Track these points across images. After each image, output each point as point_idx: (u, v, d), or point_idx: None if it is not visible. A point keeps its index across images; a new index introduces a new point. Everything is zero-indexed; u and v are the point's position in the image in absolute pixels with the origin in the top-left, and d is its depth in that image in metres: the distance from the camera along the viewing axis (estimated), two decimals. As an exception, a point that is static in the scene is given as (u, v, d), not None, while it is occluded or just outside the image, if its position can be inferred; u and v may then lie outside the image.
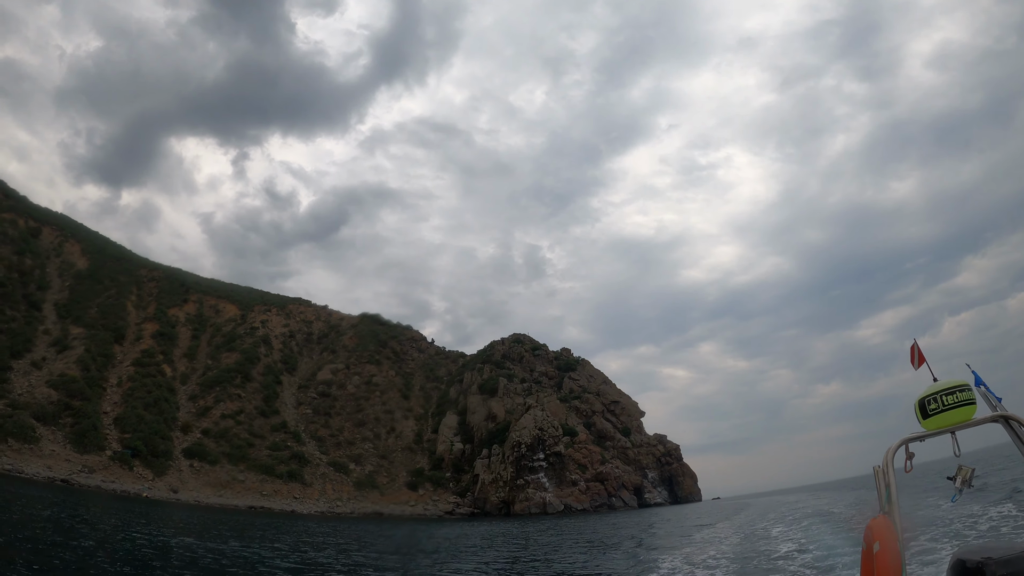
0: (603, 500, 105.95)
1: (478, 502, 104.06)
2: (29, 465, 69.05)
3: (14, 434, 72.21)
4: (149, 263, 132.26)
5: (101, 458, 78.55)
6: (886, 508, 4.12)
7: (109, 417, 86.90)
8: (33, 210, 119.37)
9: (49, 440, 76.36)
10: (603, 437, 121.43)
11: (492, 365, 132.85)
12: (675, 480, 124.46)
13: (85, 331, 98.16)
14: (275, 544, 36.93)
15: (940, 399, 4.11)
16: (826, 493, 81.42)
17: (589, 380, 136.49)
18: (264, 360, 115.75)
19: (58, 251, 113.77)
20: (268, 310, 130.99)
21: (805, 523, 30.89)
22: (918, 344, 4.65)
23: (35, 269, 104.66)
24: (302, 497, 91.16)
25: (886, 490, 4.17)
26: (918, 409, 4.23)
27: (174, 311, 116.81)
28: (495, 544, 43.45)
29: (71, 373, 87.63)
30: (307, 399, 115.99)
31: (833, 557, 17.34)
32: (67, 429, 79.77)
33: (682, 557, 25.26)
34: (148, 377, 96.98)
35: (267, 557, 29.26)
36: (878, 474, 4.28)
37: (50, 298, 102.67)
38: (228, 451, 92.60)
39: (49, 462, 72.57)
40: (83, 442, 78.66)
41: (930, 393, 4.18)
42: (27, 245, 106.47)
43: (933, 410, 4.14)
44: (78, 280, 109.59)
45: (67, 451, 76.64)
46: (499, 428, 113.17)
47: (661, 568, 22.59)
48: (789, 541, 24.13)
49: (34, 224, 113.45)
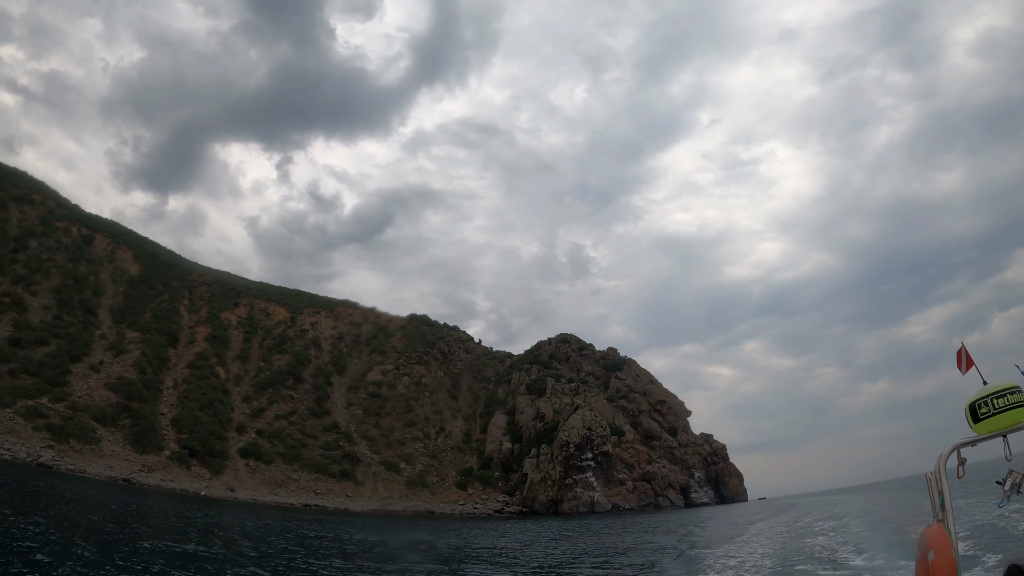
0: (650, 499, 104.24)
1: (527, 501, 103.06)
2: (91, 465, 70.10)
3: (76, 436, 73.47)
4: (199, 268, 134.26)
5: (160, 458, 79.49)
6: (940, 516, 4.06)
7: (166, 418, 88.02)
8: (86, 218, 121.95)
9: (109, 441, 77.49)
10: (649, 436, 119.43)
11: (539, 365, 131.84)
12: (721, 480, 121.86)
13: (140, 335, 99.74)
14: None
15: (991, 402, 4.00)
16: (874, 494, 79.15)
17: (635, 379, 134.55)
18: (315, 362, 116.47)
19: (111, 258, 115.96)
20: (317, 312, 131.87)
21: (856, 529, 30.14)
22: (965, 347, 4.52)
23: (89, 276, 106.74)
24: (354, 495, 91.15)
25: (939, 497, 4.11)
26: (968, 413, 4.11)
27: (226, 314, 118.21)
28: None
29: (128, 376, 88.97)
30: (357, 400, 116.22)
31: (886, 567, 16.92)
32: (126, 430, 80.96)
33: (731, 557, 24.87)
34: (203, 379, 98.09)
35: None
36: (931, 481, 4.22)
37: (104, 303, 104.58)
38: (282, 451, 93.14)
39: (110, 462, 73.58)
40: (142, 442, 79.70)
41: (980, 396, 4.08)
42: (81, 252, 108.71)
43: (984, 414, 4.03)
44: (131, 286, 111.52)
45: (127, 451, 77.69)
46: (547, 428, 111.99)
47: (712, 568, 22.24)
48: (840, 547, 23.62)
49: (87, 232, 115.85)
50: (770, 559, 23.06)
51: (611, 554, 32.37)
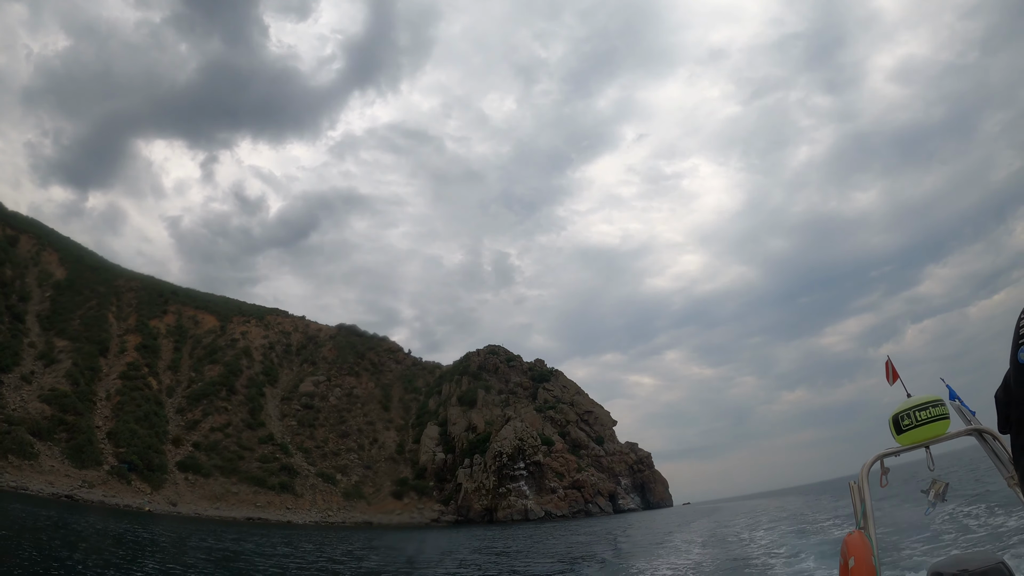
0: (580, 506, 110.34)
1: (461, 510, 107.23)
2: (32, 482, 69.59)
3: (14, 451, 72.49)
4: (126, 272, 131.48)
5: (99, 473, 79.11)
6: (862, 523, 4.15)
7: (102, 431, 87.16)
8: (10, 217, 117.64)
9: (47, 456, 76.63)
10: (578, 446, 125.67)
11: (469, 376, 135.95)
12: (647, 487, 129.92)
13: (70, 344, 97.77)
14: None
15: (913, 415, 4.12)
16: (792, 498, 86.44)
17: (563, 391, 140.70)
18: (246, 372, 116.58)
19: (36, 260, 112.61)
20: (247, 321, 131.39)
21: (781, 531, 31.37)
22: (892, 361, 4.66)
23: (15, 280, 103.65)
24: (295, 508, 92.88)
25: (861, 505, 4.19)
26: (892, 425, 4.21)
27: (155, 322, 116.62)
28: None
29: (62, 387, 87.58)
30: (291, 411, 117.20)
31: (813, 569, 17.62)
32: (63, 444, 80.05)
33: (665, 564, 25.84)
34: (136, 391, 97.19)
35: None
36: (853, 490, 4.30)
37: (32, 309, 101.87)
38: (220, 464, 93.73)
39: (50, 478, 73.04)
40: (80, 457, 79.09)
41: (904, 409, 4.18)
42: (6, 255, 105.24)
43: (907, 425, 4.14)
44: (58, 291, 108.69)
45: (66, 467, 77.01)
46: (479, 439, 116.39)
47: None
48: (763, 552, 24.37)
49: (11, 232, 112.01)
50: (698, 565, 23.98)
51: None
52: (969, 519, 19.86)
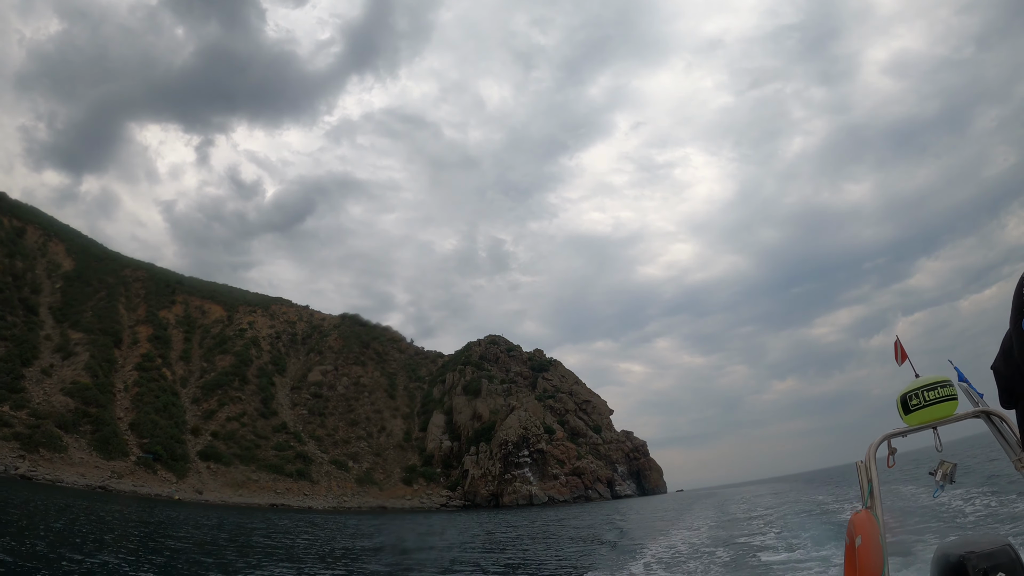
0: (580, 492, 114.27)
1: (468, 495, 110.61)
2: (66, 474, 71.45)
3: (44, 444, 74.23)
4: (131, 262, 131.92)
5: (126, 463, 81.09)
6: (868, 503, 4.13)
7: (124, 423, 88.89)
8: (15, 208, 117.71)
9: (76, 448, 78.42)
10: (576, 434, 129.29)
11: (472, 366, 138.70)
12: (643, 474, 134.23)
13: (85, 336, 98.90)
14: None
15: (922, 395, 4.06)
16: (786, 484, 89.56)
17: (561, 380, 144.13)
18: (256, 362, 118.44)
19: (43, 251, 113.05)
20: (253, 311, 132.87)
21: (781, 515, 30.87)
22: (900, 341, 4.59)
23: (26, 272, 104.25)
24: (312, 494, 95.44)
25: (868, 485, 4.16)
26: (900, 404, 4.18)
27: (164, 313, 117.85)
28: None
29: (83, 380, 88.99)
30: (301, 400, 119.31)
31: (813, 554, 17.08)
32: (88, 436, 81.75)
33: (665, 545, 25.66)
34: (152, 382, 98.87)
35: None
36: (860, 469, 4.27)
37: (44, 301, 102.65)
38: (238, 452, 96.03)
39: (81, 470, 74.93)
40: (107, 448, 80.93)
41: (912, 389, 4.14)
42: (16, 247, 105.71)
43: (915, 405, 4.09)
44: (68, 282, 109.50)
45: (94, 458, 78.86)
46: (485, 427, 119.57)
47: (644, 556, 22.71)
48: (762, 534, 23.96)
49: (18, 224, 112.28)
50: (701, 547, 23.35)
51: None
52: (976, 500, 19.77)
